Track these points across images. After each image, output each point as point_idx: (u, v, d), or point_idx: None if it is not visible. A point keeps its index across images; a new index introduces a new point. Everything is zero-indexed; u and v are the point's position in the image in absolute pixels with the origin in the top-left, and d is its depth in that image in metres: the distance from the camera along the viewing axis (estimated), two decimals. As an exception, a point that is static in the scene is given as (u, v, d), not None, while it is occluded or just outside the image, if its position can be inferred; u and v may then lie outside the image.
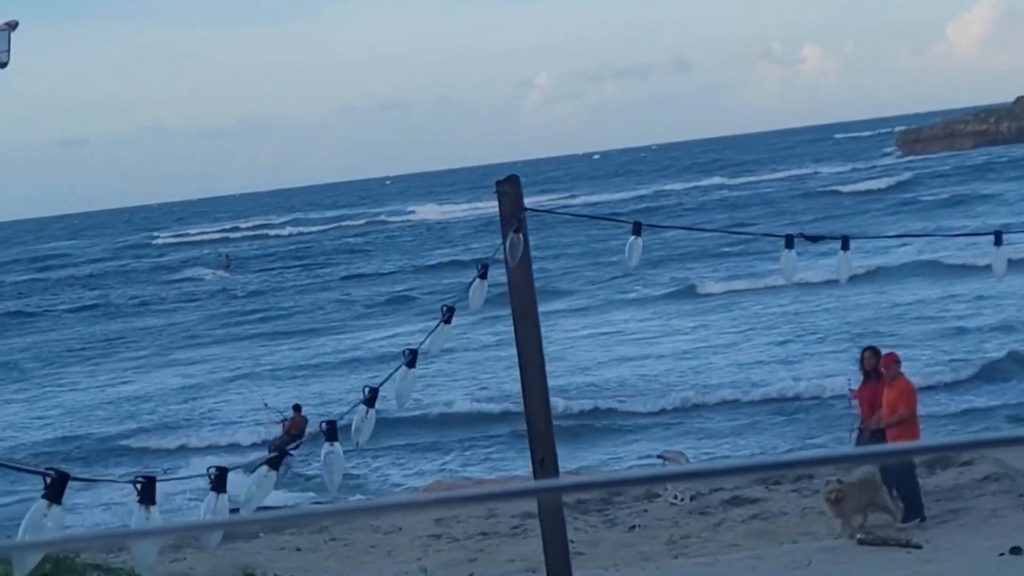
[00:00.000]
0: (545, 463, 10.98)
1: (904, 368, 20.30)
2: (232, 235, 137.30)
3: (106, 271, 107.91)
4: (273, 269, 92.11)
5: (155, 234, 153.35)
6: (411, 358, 6.86)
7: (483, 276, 9.73)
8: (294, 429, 32.29)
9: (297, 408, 33.65)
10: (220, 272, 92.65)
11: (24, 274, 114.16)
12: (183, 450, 36.50)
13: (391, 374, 6.75)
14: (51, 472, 3.67)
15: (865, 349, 20.55)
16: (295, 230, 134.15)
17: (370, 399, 6.27)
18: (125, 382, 49.00)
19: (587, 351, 43.13)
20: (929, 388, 32.07)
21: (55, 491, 3.69)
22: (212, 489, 4.73)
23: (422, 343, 7.33)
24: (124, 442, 37.97)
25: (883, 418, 19.37)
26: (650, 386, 37.15)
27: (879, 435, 19.32)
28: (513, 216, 10.75)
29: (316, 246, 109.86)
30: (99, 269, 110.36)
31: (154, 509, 4.64)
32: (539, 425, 10.92)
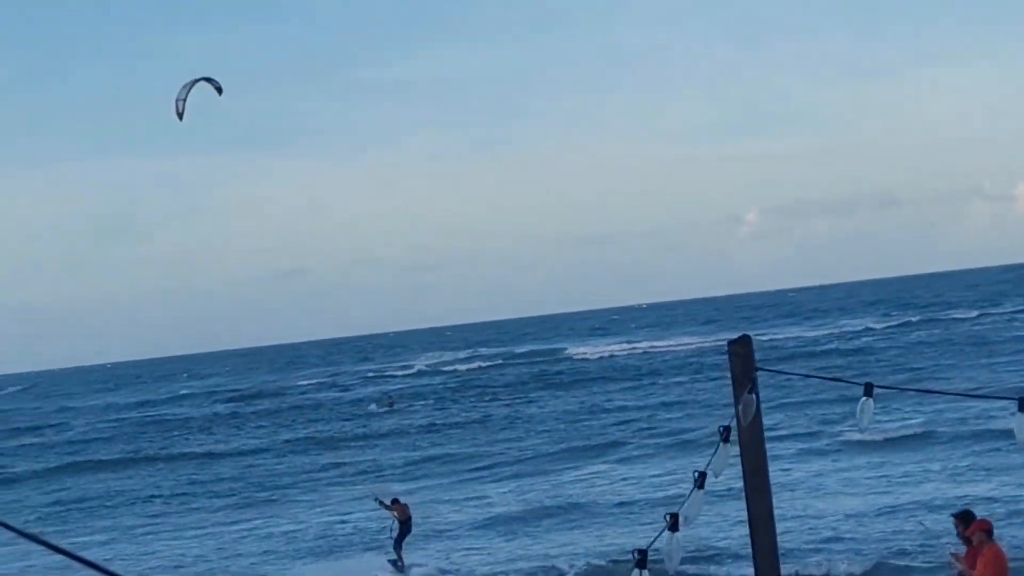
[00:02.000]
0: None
1: None
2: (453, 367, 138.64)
3: (291, 405, 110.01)
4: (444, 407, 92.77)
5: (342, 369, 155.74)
6: (700, 480, 7.00)
7: (726, 439, 9.77)
8: (402, 515, 38.11)
9: (395, 500, 39.23)
10: (384, 410, 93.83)
11: (219, 407, 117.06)
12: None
13: (686, 497, 6.88)
14: None
15: (954, 514, 19.18)
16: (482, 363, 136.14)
17: (672, 524, 6.41)
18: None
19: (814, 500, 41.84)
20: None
21: None
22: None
23: (708, 464, 7.45)
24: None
25: None
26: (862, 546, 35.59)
27: None
28: (745, 376, 10.81)
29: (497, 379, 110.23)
30: (283, 404, 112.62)
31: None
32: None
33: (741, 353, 10.98)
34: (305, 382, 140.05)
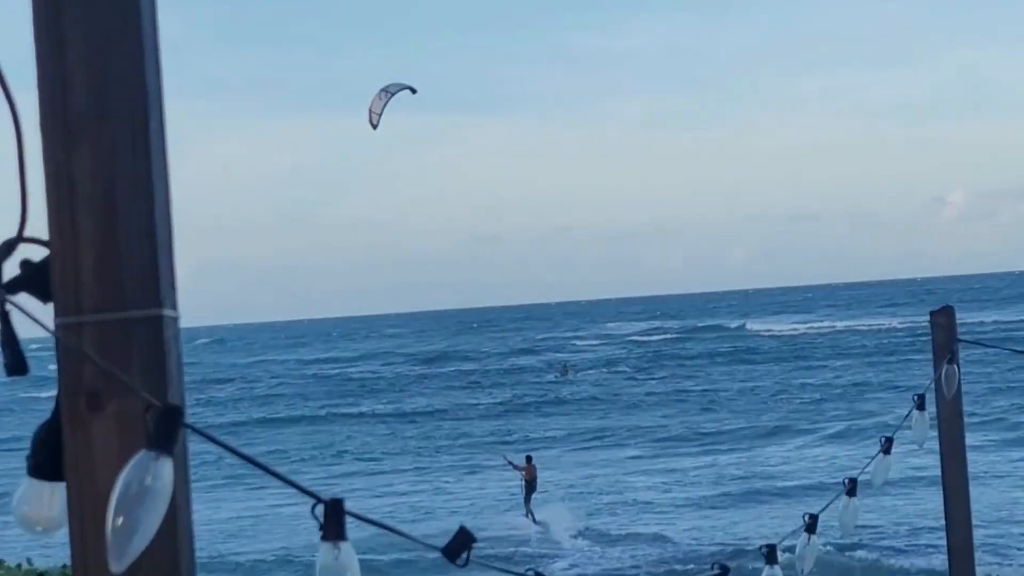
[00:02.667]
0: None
1: None
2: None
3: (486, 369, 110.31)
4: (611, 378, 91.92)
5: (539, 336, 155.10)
6: (851, 487, 6.88)
7: (921, 407, 9.61)
8: (528, 475, 39.93)
9: (528, 459, 41.14)
10: (559, 378, 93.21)
11: (404, 367, 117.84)
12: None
13: (830, 502, 6.78)
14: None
15: None
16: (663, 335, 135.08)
17: (810, 525, 6.31)
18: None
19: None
20: None
21: None
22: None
23: (863, 471, 7.34)
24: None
25: None
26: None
27: None
28: (946, 347, 10.59)
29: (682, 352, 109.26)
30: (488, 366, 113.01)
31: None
32: (960, 566, 10.73)
33: (943, 324, 10.77)
34: (491, 346, 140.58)
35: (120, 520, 2.60)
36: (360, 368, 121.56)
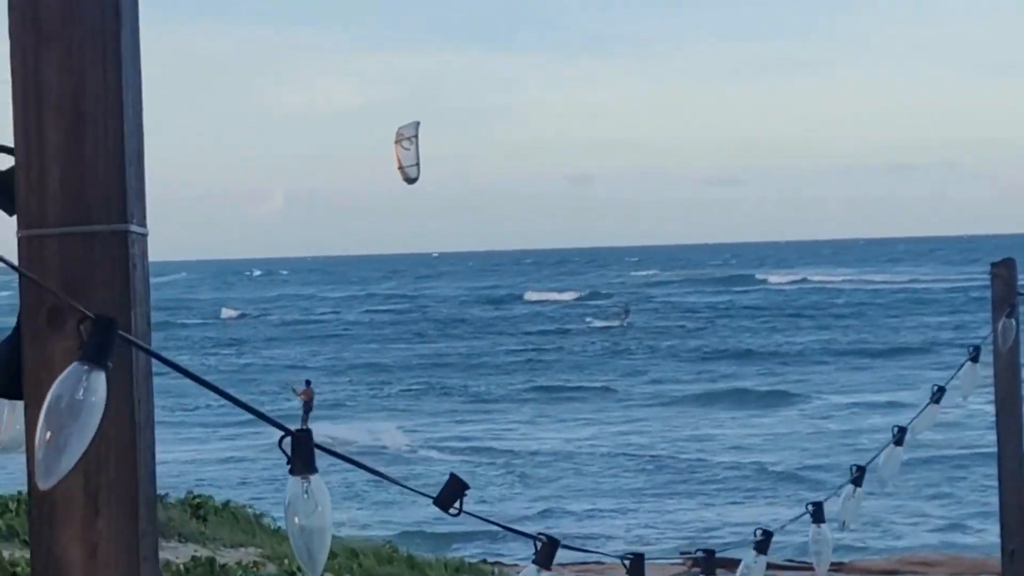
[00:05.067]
0: (1016, 556, 10.61)
1: None
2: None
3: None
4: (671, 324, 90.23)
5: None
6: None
7: (975, 359, 9.41)
8: (306, 397, 44.39)
9: (307, 383, 46.03)
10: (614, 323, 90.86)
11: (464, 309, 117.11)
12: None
13: (875, 456, 6.63)
14: (542, 537, 3.69)
15: None
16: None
17: (857, 478, 6.14)
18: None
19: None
20: None
21: (545, 557, 3.69)
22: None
23: (911, 422, 7.19)
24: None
25: None
26: None
27: None
28: (1005, 300, 10.40)
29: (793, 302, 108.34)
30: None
31: None
32: (1011, 517, 10.57)
33: (1004, 276, 10.56)
34: (556, 288, 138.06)
35: (48, 435, 2.49)
36: (427, 305, 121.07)
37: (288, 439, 2.73)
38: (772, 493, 36.22)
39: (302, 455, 2.73)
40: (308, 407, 44.64)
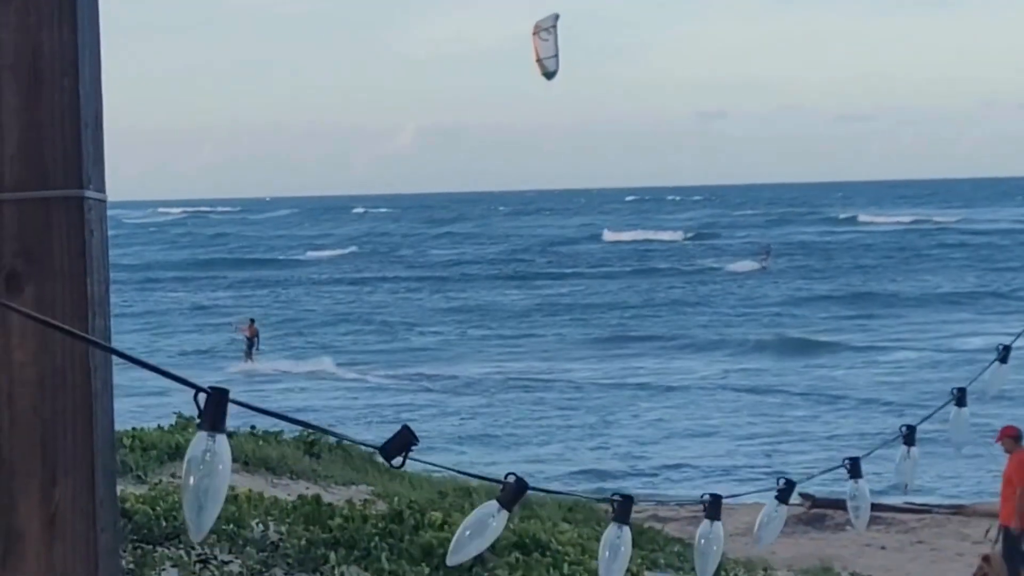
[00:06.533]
0: None
1: None
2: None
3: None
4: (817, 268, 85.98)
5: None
6: (959, 396, 6.51)
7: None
8: (250, 333, 47.57)
9: (252, 320, 49.19)
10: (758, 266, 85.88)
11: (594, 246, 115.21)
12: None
13: (935, 411, 6.39)
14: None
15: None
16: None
17: (908, 436, 5.95)
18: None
19: None
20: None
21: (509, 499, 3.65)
22: (708, 517, 4.61)
23: (973, 380, 6.91)
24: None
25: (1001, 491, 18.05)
26: None
27: None
28: None
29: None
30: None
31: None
32: None
33: None
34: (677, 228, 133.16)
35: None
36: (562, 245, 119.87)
37: (202, 395, 2.67)
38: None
39: (211, 413, 2.66)
40: (251, 343, 47.41)
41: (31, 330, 2.79)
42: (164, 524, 9.40)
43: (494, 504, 3.47)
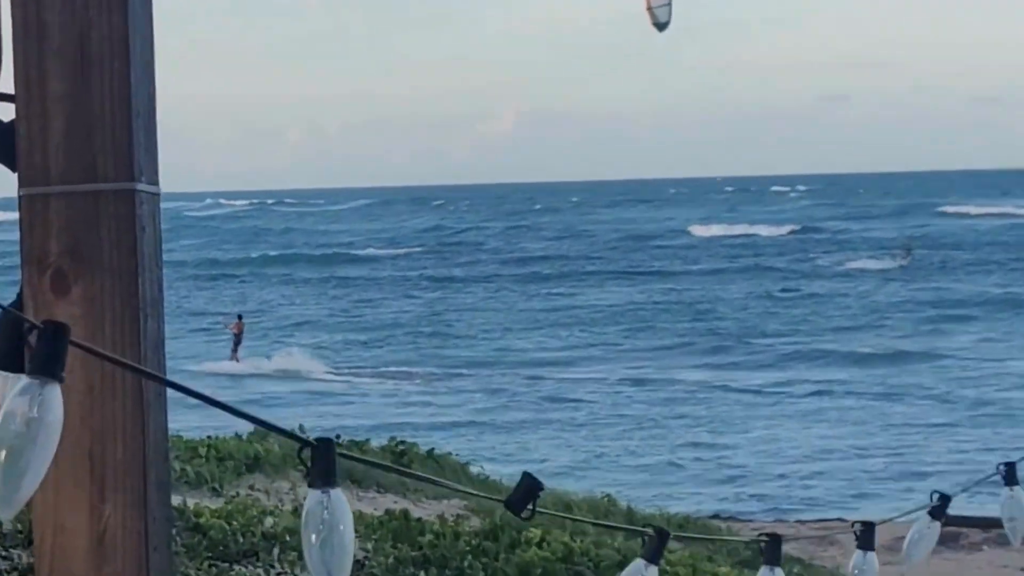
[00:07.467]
0: None
1: None
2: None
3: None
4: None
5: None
6: None
7: None
8: (237, 330, 47.29)
9: (239, 316, 49.44)
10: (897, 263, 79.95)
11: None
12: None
13: None
14: (649, 530, 3.50)
15: None
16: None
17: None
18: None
19: None
20: None
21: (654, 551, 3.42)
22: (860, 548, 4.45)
23: None
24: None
25: None
26: None
27: None
28: None
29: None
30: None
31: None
32: None
33: None
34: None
35: (4, 460, 2.11)
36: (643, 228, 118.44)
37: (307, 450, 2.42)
38: None
39: (321, 467, 2.42)
40: (238, 340, 47.51)
41: (78, 330, 2.60)
42: (241, 540, 9.19)
43: (641, 563, 3.30)
